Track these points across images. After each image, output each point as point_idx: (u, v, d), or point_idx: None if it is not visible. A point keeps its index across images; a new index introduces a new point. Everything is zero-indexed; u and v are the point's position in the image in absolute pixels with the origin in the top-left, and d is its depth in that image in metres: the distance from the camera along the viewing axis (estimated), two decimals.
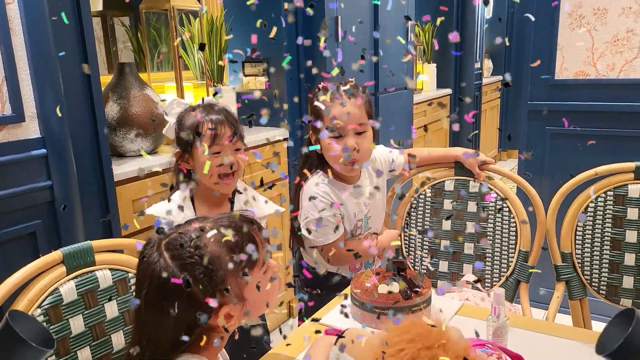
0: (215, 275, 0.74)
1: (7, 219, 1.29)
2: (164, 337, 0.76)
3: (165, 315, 0.73)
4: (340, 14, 2.43)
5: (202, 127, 1.24)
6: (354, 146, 1.33)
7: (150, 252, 0.77)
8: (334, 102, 1.34)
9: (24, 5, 1.27)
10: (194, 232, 0.78)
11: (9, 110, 1.27)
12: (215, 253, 0.75)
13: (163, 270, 0.74)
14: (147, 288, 0.76)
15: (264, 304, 0.83)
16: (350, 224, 1.45)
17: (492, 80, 5.23)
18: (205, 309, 0.72)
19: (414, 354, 0.51)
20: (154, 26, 2.20)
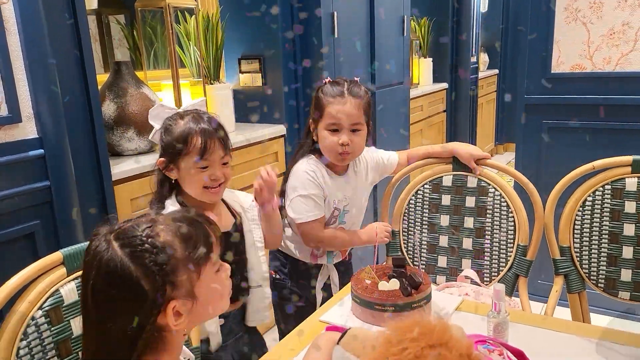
0: (166, 265, 0.72)
1: (5, 220, 1.28)
2: (114, 337, 0.73)
3: (113, 311, 0.71)
4: (336, 9, 2.42)
5: (191, 139, 1.21)
6: (347, 142, 1.43)
7: (97, 242, 0.74)
8: (335, 99, 1.43)
9: (19, 5, 1.26)
10: (146, 223, 0.76)
11: (5, 111, 1.27)
12: (168, 242, 0.74)
13: (111, 259, 0.71)
14: (93, 278, 0.73)
15: (213, 306, 0.80)
16: (327, 212, 1.51)
17: (488, 74, 5.24)
18: (154, 302, 0.70)
19: (417, 353, 0.51)
20: (149, 24, 2.19)
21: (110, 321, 0.72)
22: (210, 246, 0.78)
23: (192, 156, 1.21)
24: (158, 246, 0.73)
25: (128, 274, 0.70)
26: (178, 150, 1.21)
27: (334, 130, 1.44)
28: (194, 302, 0.76)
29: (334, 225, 1.55)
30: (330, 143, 1.44)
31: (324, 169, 1.50)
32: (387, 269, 1.09)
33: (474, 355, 0.53)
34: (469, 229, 1.57)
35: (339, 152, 1.44)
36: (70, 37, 1.43)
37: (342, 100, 1.43)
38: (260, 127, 2.32)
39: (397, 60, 3.08)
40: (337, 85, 1.46)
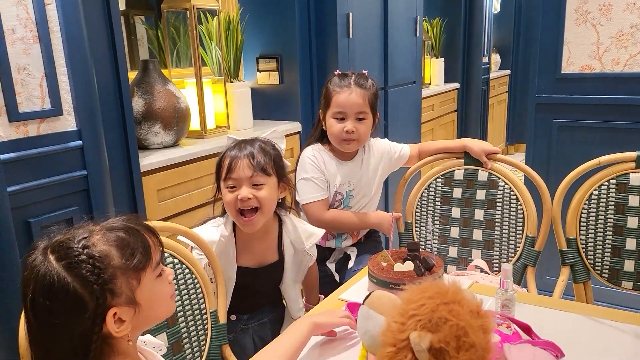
0: (103, 273, 0.72)
1: (47, 205, 1.38)
2: (61, 352, 0.73)
3: (56, 325, 0.71)
4: (352, 10, 2.51)
5: (223, 161, 1.28)
6: (351, 129, 1.55)
7: (34, 257, 0.74)
8: (342, 89, 1.55)
9: (62, 6, 1.36)
10: (82, 234, 0.76)
11: (48, 105, 1.36)
12: (103, 252, 0.74)
13: (47, 272, 0.71)
14: (32, 293, 0.72)
15: (158, 309, 0.82)
16: (330, 195, 1.62)
17: (499, 75, 5.29)
18: (95, 311, 0.71)
19: (433, 308, 0.59)
20: (173, 24, 2.28)
21: (56, 335, 0.72)
22: (148, 253, 0.79)
23: (222, 176, 1.27)
24: (95, 256, 0.73)
25: (65, 285, 0.71)
26: (218, 175, 1.29)
27: (340, 119, 1.56)
28: (136, 308, 0.77)
29: (337, 208, 1.65)
30: (336, 130, 1.56)
31: (327, 155, 1.62)
32: (402, 253, 1.17)
33: (482, 312, 0.61)
34: (479, 221, 1.64)
35: (343, 138, 1.56)
36: (105, 36, 1.53)
37: (348, 90, 1.55)
38: (276, 124, 2.41)
39: (410, 60, 3.15)
40: (345, 77, 1.58)
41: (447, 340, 0.57)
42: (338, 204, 1.65)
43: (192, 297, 1.20)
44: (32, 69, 1.32)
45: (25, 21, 1.30)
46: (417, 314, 0.59)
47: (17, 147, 1.29)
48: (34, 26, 1.31)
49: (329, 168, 1.62)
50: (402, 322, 0.60)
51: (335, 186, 1.63)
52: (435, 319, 0.58)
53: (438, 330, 0.58)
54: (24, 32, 1.30)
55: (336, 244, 1.69)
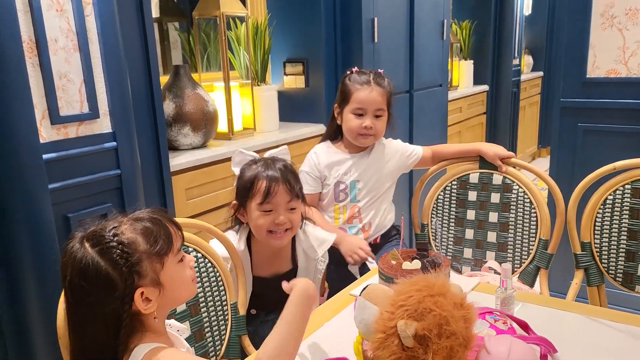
0: (131, 257, 0.82)
1: (84, 202, 1.49)
2: (96, 329, 0.82)
3: (90, 304, 0.81)
4: (377, 15, 2.56)
5: (257, 182, 1.28)
6: (370, 125, 1.63)
7: (73, 244, 0.85)
8: (362, 87, 1.62)
9: (99, 17, 1.47)
10: (113, 224, 0.87)
11: (86, 109, 1.48)
12: (131, 239, 0.84)
13: (83, 256, 0.82)
14: (70, 275, 0.82)
15: (179, 291, 0.92)
16: (330, 186, 1.69)
17: (531, 77, 5.24)
18: (124, 290, 0.81)
19: (419, 299, 0.65)
20: (204, 30, 2.39)
21: (91, 313, 0.82)
22: (170, 240, 0.88)
23: (257, 199, 1.27)
24: (123, 242, 0.83)
25: (98, 268, 0.81)
26: (246, 194, 1.29)
27: (359, 115, 1.63)
28: (160, 289, 0.87)
29: (344, 201, 1.70)
30: (354, 125, 1.63)
31: (328, 147, 1.72)
32: (412, 252, 1.23)
33: (466, 304, 0.67)
34: (493, 223, 1.68)
35: (360, 133, 1.63)
36: (139, 44, 1.64)
37: (368, 88, 1.62)
38: (302, 126, 2.49)
39: (436, 63, 3.19)
40: (364, 74, 1.65)
41: (430, 328, 0.63)
42: (344, 196, 1.70)
43: (214, 290, 1.29)
44: (72, 76, 1.44)
45: (66, 32, 1.41)
46: (405, 304, 0.66)
47: (58, 147, 1.41)
48: (74, 36, 1.43)
49: (331, 161, 1.69)
50: (391, 311, 0.66)
51: (336, 177, 1.69)
52: (420, 309, 0.65)
53: (423, 319, 0.64)
54: (66, 41, 1.41)
55: None
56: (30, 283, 1.34)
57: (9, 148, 1.27)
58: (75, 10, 1.41)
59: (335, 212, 1.72)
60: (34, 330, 1.38)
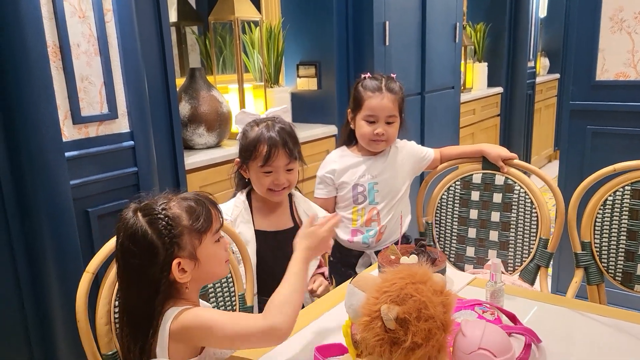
0: (174, 230, 0.94)
1: (103, 197, 1.58)
2: (138, 288, 0.95)
3: (135, 266, 0.94)
4: (388, 19, 2.62)
5: (259, 146, 1.38)
6: (382, 132, 1.66)
7: (126, 213, 0.98)
8: (374, 94, 1.65)
9: (119, 22, 1.56)
10: (163, 199, 0.99)
11: (106, 109, 1.57)
12: (176, 214, 0.96)
13: (134, 224, 0.95)
14: (122, 238, 0.96)
15: (212, 269, 1.02)
16: (348, 188, 1.72)
17: (548, 79, 5.23)
18: (164, 257, 0.93)
19: (402, 286, 0.71)
20: (219, 34, 2.48)
21: (135, 273, 0.95)
22: (210, 220, 0.99)
23: (259, 162, 1.38)
24: (169, 216, 0.95)
25: (145, 234, 0.94)
26: (249, 155, 1.40)
27: (371, 122, 1.66)
28: (196, 263, 0.97)
29: (363, 203, 1.73)
30: (367, 131, 1.66)
31: (344, 152, 1.76)
32: (410, 248, 1.29)
33: (445, 291, 0.73)
34: (495, 223, 1.73)
35: (372, 139, 1.67)
36: (156, 48, 1.72)
37: (380, 95, 1.64)
38: (314, 127, 2.56)
39: (448, 66, 3.23)
40: (375, 81, 1.68)
41: (410, 312, 0.69)
42: (362, 198, 1.73)
43: (223, 281, 1.36)
44: (93, 78, 1.53)
45: (88, 37, 1.50)
46: (389, 290, 0.72)
47: (79, 146, 1.50)
48: (95, 41, 1.52)
49: (347, 164, 1.72)
50: (376, 297, 0.73)
51: (353, 180, 1.72)
52: (402, 295, 0.71)
53: (404, 304, 0.70)
54: (87, 46, 1.51)
55: (363, 239, 1.77)
56: (52, 274, 1.44)
57: (34, 146, 1.36)
58: (97, 17, 1.50)
59: (353, 214, 1.75)
60: (55, 321, 1.47)
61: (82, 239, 1.52)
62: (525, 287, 1.59)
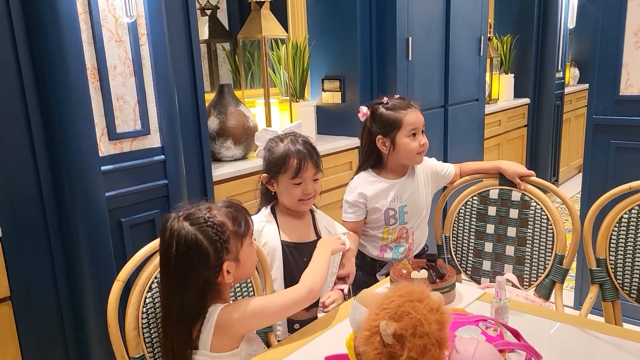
0: (222, 234, 1.06)
1: (135, 208, 1.69)
2: (191, 291, 1.05)
3: (191, 269, 1.04)
4: (412, 34, 2.68)
5: (288, 159, 1.46)
6: (426, 142, 1.73)
7: (171, 225, 1.07)
8: (408, 111, 1.71)
9: (152, 45, 1.67)
10: (204, 208, 1.10)
11: (139, 126, 1.68)
12: (222, 221, 1.08)
13: (187, 233, 1.04)
14: (175, 247, 1.05)
15: (246, 269, 1.14)
16: (380, 213, 1.76)
17: (578, 89, 5.17)
18: (215, 262, 1.05)
19: (400, 303, 0.78)
20: (248, 50, 2.58)
21: (190, 277, 1.05)
22: (248, 225, 1.12)
23: (289, 174, 1.46)
24: (217, 223, 1.06)
25: (199, 241, 1.04)
26: (278, 169, 1.47)
27: (413, 135, 1.71)
28: (237, 264, 1.09)
29: (394, 225, 1.78)
30: (414, 147, 1.70)
31: (375, 178, 1.77)
32: (422, 262, 1.34)
33: (442, 309, 0.79)
34: (511, 238, 1.76)
35: (419, 152, 1.72)
36: (187, 67, 1.83)
37: (413, 110, 1.72)
38: (338, 139, 2.63)
39: (472, 78, 3.25)
40: (400, 100, 1.74)
41: (406, 328, 0.75)
42: (394, 220, 1.77)
43: (244, 290, 1.45)
44: (128, 97, 1.64)
45: (124, 59, 1.62)
46: (388, 307, 0.78)
47: (114, 160, 1.61)
48: (130, 63, 1.63)
49: (378, 190, 1.75)
50: (376, 313, 0.79)
51: (385, 205, 1.75)
52: (400, 312, 0.77)
53: (401, 320, 0.76)
54: (123, 68, 1.62)
55: (393, 255, 1.81)
56: (88, 280, 1.55)
57: (73, 161, 1.48)
58: (132, 41, 1.62)
59: (384, 233, 1.79)
60: (90, 325, 1.58)
61: (115, 247, 1.62)
62: (540, 303, 1.62)
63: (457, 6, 2.97)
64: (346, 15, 2.60)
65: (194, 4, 1.82)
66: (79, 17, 1.47)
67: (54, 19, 1.39)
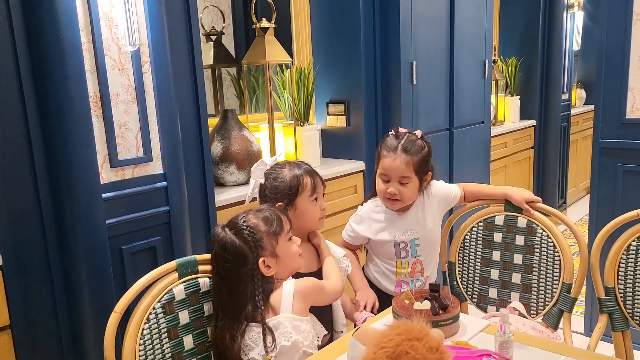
0: (255, 235, 1.24)
1: (137, 235, 1.68)
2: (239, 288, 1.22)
3: (232, 270, 1.22)
4: (416, 58, 2.68)
5: (302, 179, 1.52)
6: (394, 192, 1.65)
7: (217, 231, 1.29)
8: (389, 154, 1.65)
9: (155, 72, 1.67)
10: (242, 214, 1.30)
11: (141, 153, 1.68)
12: (255, 223, 1.26)
13: (224, 237, 1.25)
14: (217, 252, 1.25)
15: (291, 262, 1.31)
16: (387, 245, 1.71)
17: (583, 110, 5.15)
18: (253, 260, 1.22)
19: (398, 342, 0.75)
20: (253, 75, 2.59)
21: (233, 277, 1.23)
22: (281, 224, 1.29)
23: (307, 192, 1.52)
24: (250, 225, 1.25)
25: (234, 244, 1.23)
26: (295, 190, 1.50)
27: (385, 180, 1.66)
28: (277, 259, 1.27)
29: (406, 258, 1.72)
30: (380, 189, 1.68)
31: (378, 207, 1.73)
32: (425, 292, 1.31)
33: (441, 348, 0.76)
34: (518, 265, 1.73)
35: (386, 197, 1.67)
36: (190, 94, 1.83)
37: (393, 155, 1.63)
38: (343, 162, 2.62)
39: (478, 101, 3.25)
40: (395, 139, 1.66)
41: None
42: (405, 253, 1.71)
43: None
44: (130, 125, 1.65)
45: (127, 87, 1.63)
46: (386, 346, 0.76)
47: (116, 187, 1.61)
48: (133, 90, 1.64)
49: (387, 221, 1.71)
50: (374, 351, 0.77)
51: (394, 237, 1.70)
52: (397, 351, 0.75)
53: None
54: (126, 95, 1.63)
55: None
56: (87, 309, 1.53)
57: (74, 188, 1.47)
58: (135, 68, 1.63)
59: (397, 267, 1.74)
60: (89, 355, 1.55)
61: (116, 275, 1.61)
62: (547, 332, 1.58)
63: (461, 30, 2.97)
64: (350, 40, 2.62)
65: (197, 30, 1.83)
66: (83, 46, 1.48)
67: (57, 50, 1.40)
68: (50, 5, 1.39)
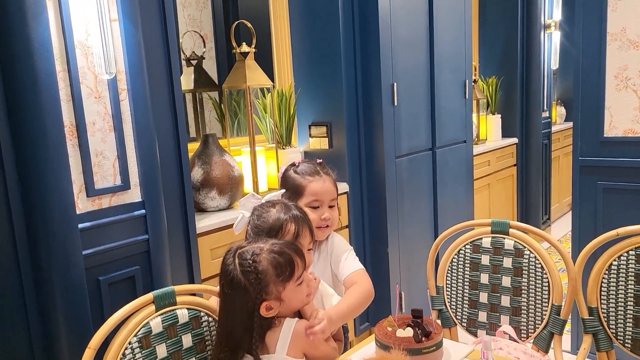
0: (262, 282, 1.17)
1: (114, 265, 1.64)
2: (238, 323, 1.18)
3: (233, 303, 1.18)
4: (396, 80, 2.70)
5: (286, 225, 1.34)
6: (328, 217, 1.56)
7: (229, 256, 1.21)
8: (315, 179, 1.56)
9: (133, 100, 1.66)
10: (256, 249, 1.19)
11: (119, 181, 1.65)
12: (264, 269, 1.17)
13: (232, 271, 1.18)
14: (222, 280, 1.20)
15: (296, 304, 1.24)
16: None
17: (564, 127, 5.23)
18: (254, 302, 1.16)
19: None
20: (234, 98, 2.59)
21: (233, 310, 1.19)
22: (293, 271, 1.20)
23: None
24: (258, 270, 1.17)
25: (240, 282, 1.17)
26: (274, 235, 1.32)
27: (315, 207, 1.55)
28: (281, 302, 1.20)
29: None
30: (312, 219, 1.48)
31: None
32: (407, 319, 1.29)
33: None
34: (506, 288, 1.71)
35: (319, 226, 1.54)
36: (169, 120, 1.81)
37: (320, 179, 1.56)
38: None
39: (459, 121, 3.27)
40: (310, 165, 1.58)
41: None
42: None
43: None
44: (107, 153, 1.62)
45: (103, 115, 1.60)
46: None
47: (92, 217, 1.58)
48: (110, 118, 1.62)
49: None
50: None
51: None
52: None
53: None
54: (102, 123, 1.60)
55: None
56: (64, 342, 1.48)
57: (49, 219, 1.44)
58: (112, 97, 1.61)
59: None
60: None
61: (93, 307, 1.57)
62: (539, 357, 1.56)
63: (440, 51, 3.01)
64: (331, 63, 2.63)
65: (176, 56, 1.82)
66: (57, 75, 1.46)
67: (31, 79, 1.37)
68: (23, 33, 1.36)
